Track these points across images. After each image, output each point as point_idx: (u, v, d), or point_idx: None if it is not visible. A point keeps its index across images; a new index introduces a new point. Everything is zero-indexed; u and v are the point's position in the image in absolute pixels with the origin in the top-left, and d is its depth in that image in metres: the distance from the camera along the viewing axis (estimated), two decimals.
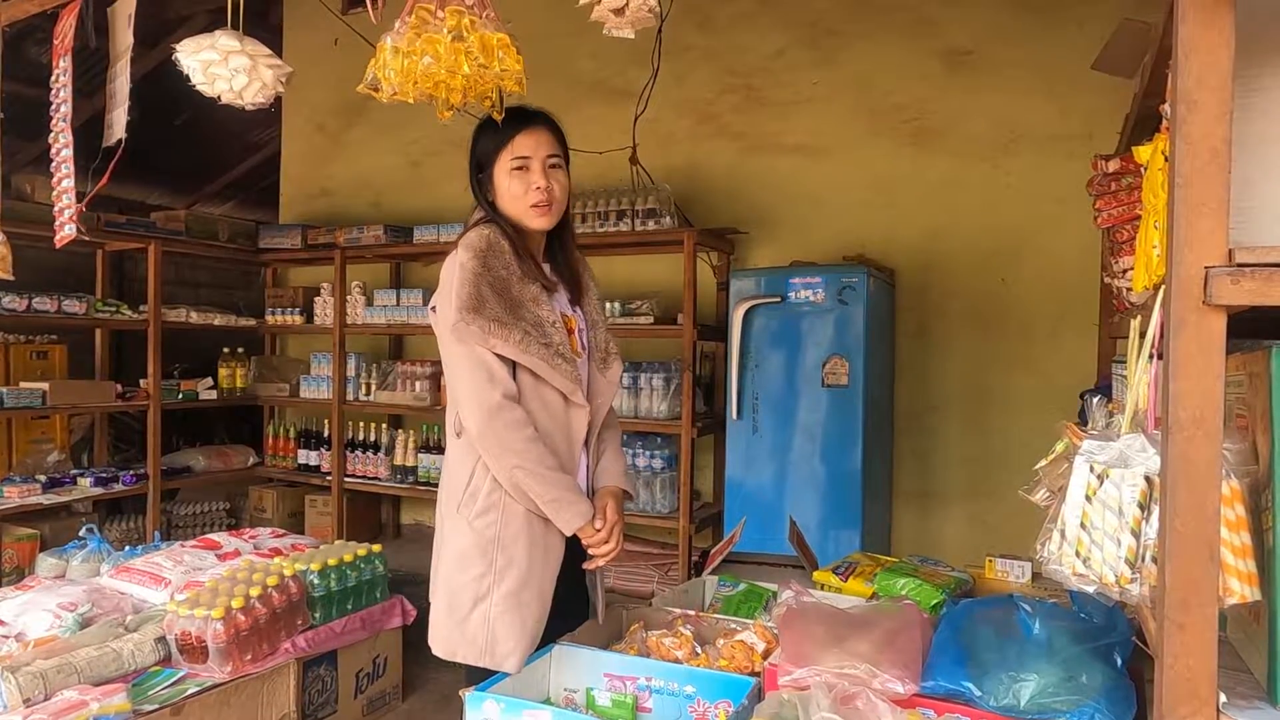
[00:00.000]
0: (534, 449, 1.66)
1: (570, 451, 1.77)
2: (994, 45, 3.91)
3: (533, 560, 1.71)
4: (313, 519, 4.98)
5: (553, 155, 1.79)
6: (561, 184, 1.80)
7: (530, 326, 1.69)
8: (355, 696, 2.88)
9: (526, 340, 1.67)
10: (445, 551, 1.78)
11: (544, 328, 1.71)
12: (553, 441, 1.73)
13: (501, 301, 1.67)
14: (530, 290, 1.73)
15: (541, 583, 1.72)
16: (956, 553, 3.37)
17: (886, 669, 1.46)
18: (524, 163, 1.76)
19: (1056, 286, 3.77)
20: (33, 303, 3.90)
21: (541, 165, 1.77)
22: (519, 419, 1.66)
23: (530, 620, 1.70)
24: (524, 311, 1.70)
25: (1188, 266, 0.89)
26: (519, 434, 1.65)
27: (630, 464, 4.03)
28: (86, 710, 2.04)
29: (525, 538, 1.71)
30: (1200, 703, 0.89)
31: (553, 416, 1.74)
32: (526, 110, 1.81)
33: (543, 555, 1.73)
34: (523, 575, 1.70)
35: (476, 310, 1.64)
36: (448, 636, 1.74)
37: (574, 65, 4.65)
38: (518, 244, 1.77)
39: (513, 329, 1.66)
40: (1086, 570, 1.00)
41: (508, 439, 1.65)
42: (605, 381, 1.86)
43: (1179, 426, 0.90)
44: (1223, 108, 0.87)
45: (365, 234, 4.73)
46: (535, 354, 1.67)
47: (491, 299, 1.66)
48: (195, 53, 2.20)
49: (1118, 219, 1.62)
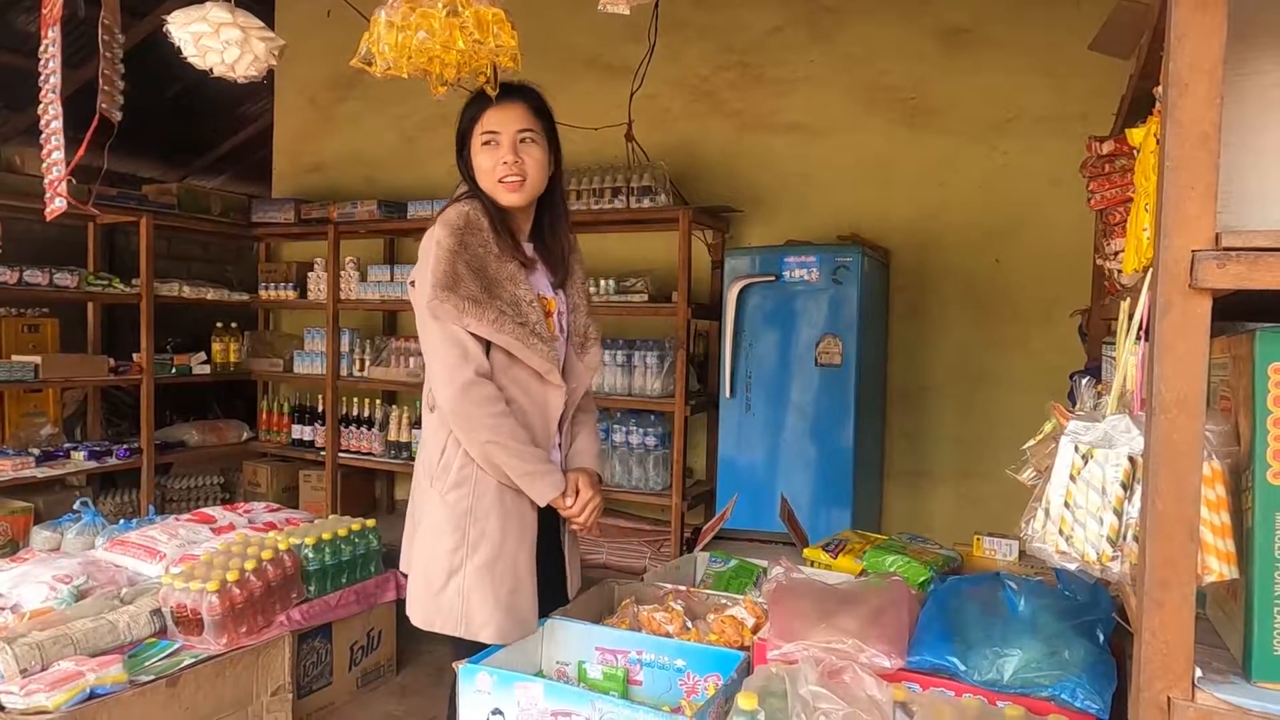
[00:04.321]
0: (505, 424, 1.68)
1: (546, 430, 1.78)
2: (991, 24, 3.89)
3: (505, 533, 1.73)
4: (306, 494, 5.00)
5: (524, 130, 1.76)
6: (536, 159, 1.77)
7: (506, 305, 1.69)
8: (350, 669, 2.91)
9: (501, 319, 1.68)
10: (421, 524, 1.80)
11: (520, 306, 1.71)
12: (527, 420, 1.74)
13: (477, 280, 1.68)
14: (507, 269, 1.73)
15: (516, 555, 1.74)
16: (946, 531, 3.40)
17: (873, 644, 1.48)
18: (492, 138, 1.75)
19: (1050, 267, 3.78)
20: (24, 275, 3.88)
21: (512, 140, 1.75)
22: (490, 395, 1.68)
23: (503, 592, 1.71)
24: (500, 290, 1.70)
25: (1175, 250, 0.90)
26: (489, 409, 1.67)
27: (623, 441, 4.05)
28: (83, 681, 2.06)
29: (498, 511, 1.73)
30: (1176, 677, 0.91)
31: (529, 396, 1.75)
32: (507, 85, 1.80)
33: (516, 528, 1.75)
34: (495, 548, 1.72)
35: (451, 288, 1.65)
36: (425, 607, 1.77)
37: (569, 40, 4.61)
38: (497, 221, 1.76)
39: (487, 308, 1.67)
40: (1069, 548, 1.01)
41: (478, 415, 1.67)
42: (582, 366, 1.87)
43: (1163, 408, 0.91)
44: (1213, 92, 0.88)
45: (359, 209, 4.70)
46: (510, 333, 1.68)
47: (467, 277, 1.67)
48: (186, 25, 2.18)
49: (1111, 201, 1.62)
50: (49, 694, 2.00)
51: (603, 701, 1.45)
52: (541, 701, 1.49)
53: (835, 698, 1.32)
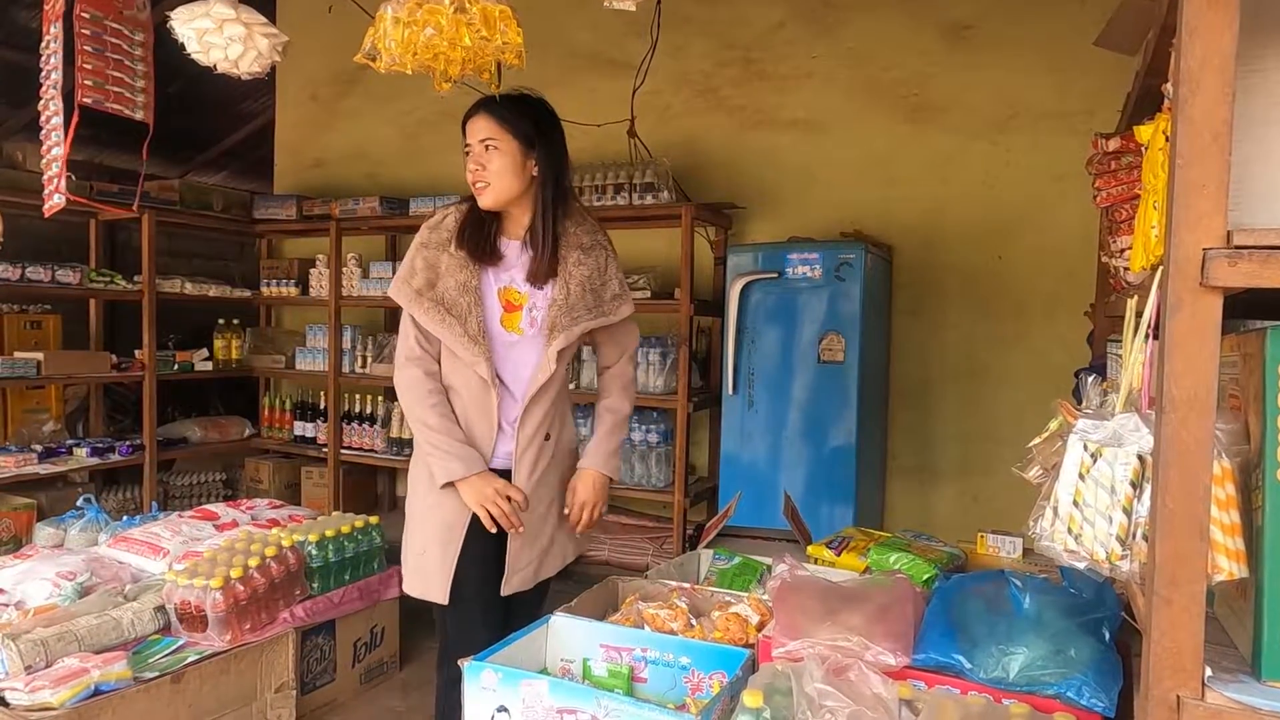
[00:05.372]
0: (421, 404, 1.85)
1: (486, 427, 1.89)
2: (995, 20, 3.88)
3: (425, 504, 1.90)
4: (309, 491, 5.00)
5: (486, 139, 1.84)
6: (500, 164, 1.84)
7: (447, 300, 1.83)
8: (353, 666, 2.92)
9: (436, 311, 1.82)
10: None
11: (459, 304, 1.83)
12: (466, 412, 1.89)
13: (427, 274, 1.85)
14: (457, 266, 1.85)
15: (425, 520, 1.91)
16: (949, 528, 3.40)
17: (879, 641, 1.48)
18: (467, 147, 1.88)
19: (1053, 264, 3.78)
20: (26, 272, 3.87)
21: (478, 150, 1.85)
22: (415, 378, 1.86)
23: (411, 554, 1.93)
24: (443, 284, 1.84)
25: (1186, 248, 0.90)
26: (415, 390, 1.86)
27: (625, 438, 4.04)
28: (88, 677, 2.06)
29: (423, 485, 1.90)
30: (1186, 676, 0.91)
31: (469, 389, 1.88)
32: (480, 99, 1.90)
33: (434, 501, 1.89)
34: (414, 512, 1.94)
35: (406, 280, 1.86)
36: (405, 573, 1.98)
37: (572, 37, 4.60)
38: (478, 221, 1.88)
39: (425, 299, 1.83)
40: (1078, 547, 1.01)
41: (406, 396, 1.87)
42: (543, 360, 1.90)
43: (1173, 406, 0.91)
44: (1225, 89, 0.87)
45: (361, 206, 4.70)
46: (440, 325, 1.82)
47: (421, 271, 1.85)
48: (190, 21, 2.18)
49: (1117, 198, 1.62)
50: (54, 690, 2.00)
51: (608, 699, 1.45)
52: (547, 699, 1.49)
53: (841, 695, 1.32)
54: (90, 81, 2.53)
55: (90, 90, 2.53)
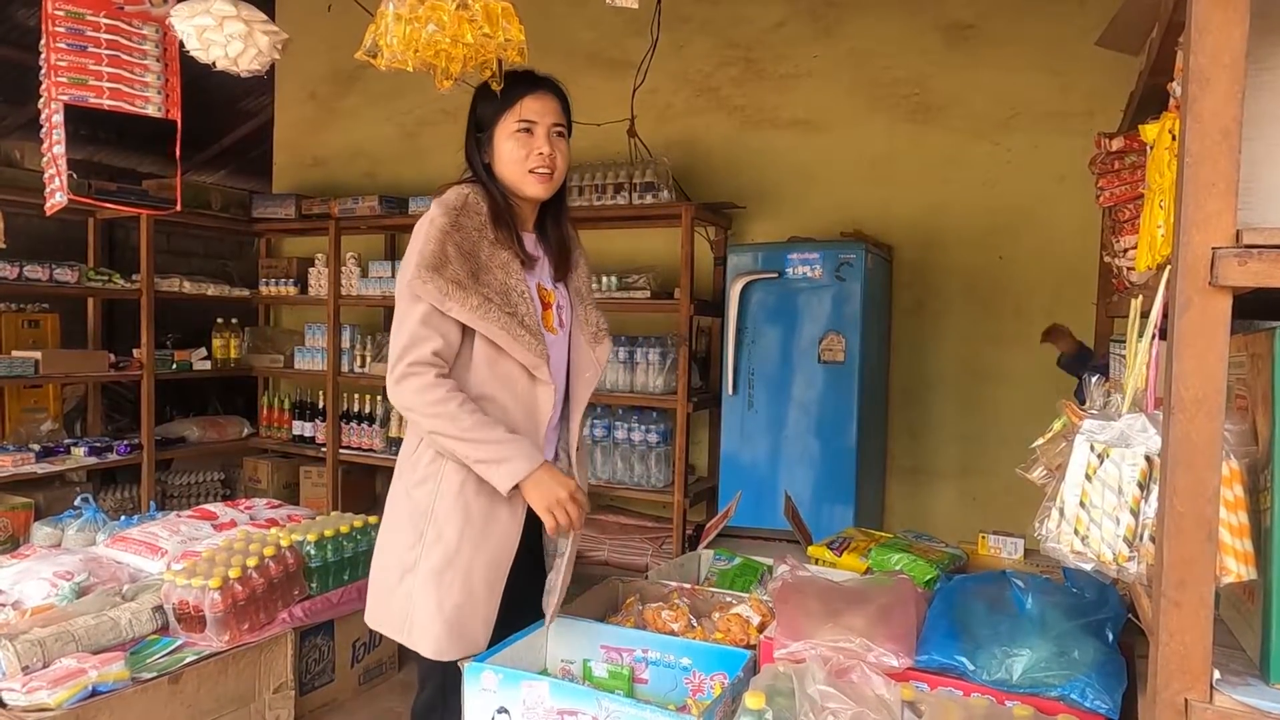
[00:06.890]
0: (458, 415, 1.55)
1: (533, 430, 1.66)
2: (995, 20, 3.87)
3: (463, 539, 1.60)
4: (307, 490, 4.99)
5: (558, 124, 1.71)
6: (564, 153, 1.73)
7: (494, 293, 1.59)
8: (352, 666, 2.91)
9: (486, 306, 1.57)
10: (385, 519, 1.73)
11: (509, 296, 1.61)
12: (509, 418, 1.62)
13: (466, 264, 1.58)
14: (500, 256, 1.63)
15: (470, 566, 1.61)
16: (949, 528, 3.40)
17: (881, 643, 1.47)
18: (529, 126, 1.68)
19: (1054, 264, 3.77)
20: (24, 271, 3.86)
21: (546, 132, 1.69)
22: (426, 384, 1.55)
23: (448, 604, 1.59)
24: (489, 277, 1.60)
25: (1195, 247, 0.89)
26: (427, 397, 1.55)
27: (625, 438, 4.04)
28: (85, 678, 2.05)
29: (459, 515, 1.61)
30: (1194, 679, 0.90)
31: (514, 393, 1.64)
32: (535, 74, 1.74)
33: (477, 536, 1.61)
34: (449, 555, 1.59)
35: (437, 269, 1.55)
36: (376, 605, 1.70)
37: (572, 35, 4.59)
38: (500, 208, 1.68)
39: (472, 293, 1.56)
40: (1085, 548, 1.00)
41: (429, 408, 1.55)
42: (593, 357, 1.77)
43: (1181, 406, 0.90)
44: (1235, 87, 0.87)
45: (360, 205, 4.68)
46: (494, 322, 1.57)
47: (455, 260, 1.57)
48: (190, 18, 2.17)
49: (1120, 198, 1.61)
50: (51, 691, 1.99)
51: (609, 700, 1.44)
52: (548, 700, 1.48)
53: (843, 697, 1.32)
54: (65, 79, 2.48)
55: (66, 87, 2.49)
